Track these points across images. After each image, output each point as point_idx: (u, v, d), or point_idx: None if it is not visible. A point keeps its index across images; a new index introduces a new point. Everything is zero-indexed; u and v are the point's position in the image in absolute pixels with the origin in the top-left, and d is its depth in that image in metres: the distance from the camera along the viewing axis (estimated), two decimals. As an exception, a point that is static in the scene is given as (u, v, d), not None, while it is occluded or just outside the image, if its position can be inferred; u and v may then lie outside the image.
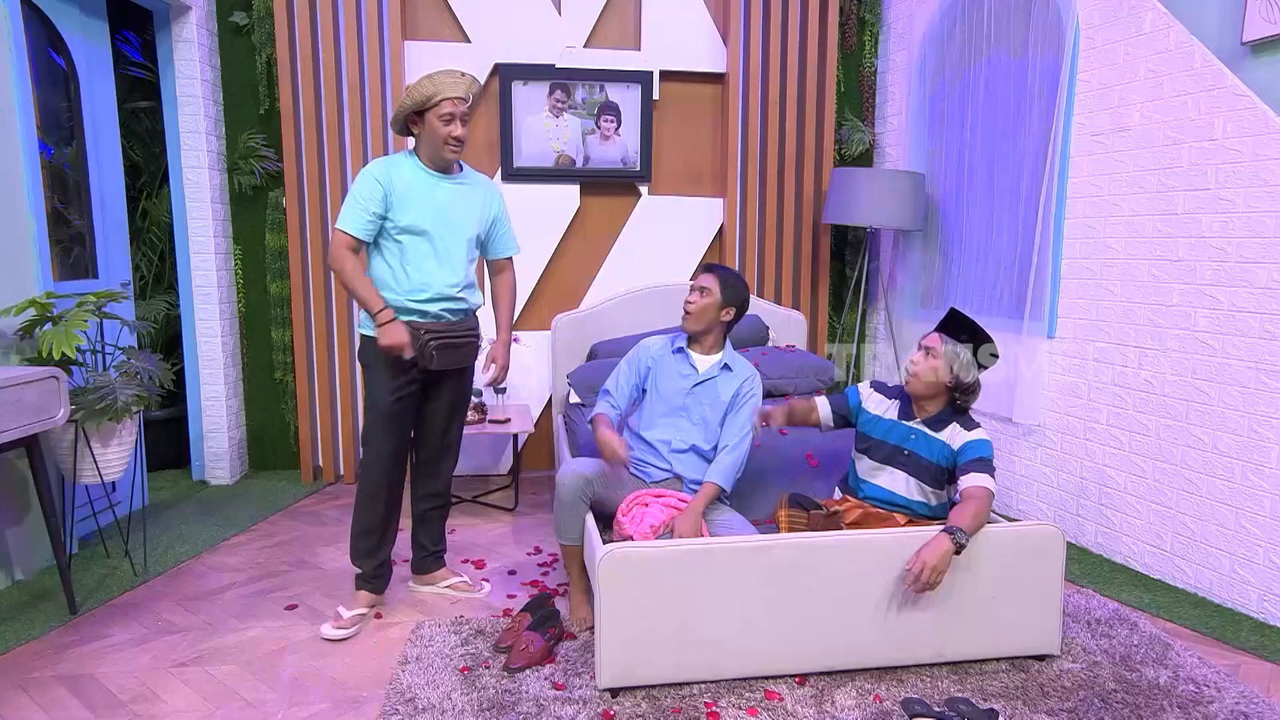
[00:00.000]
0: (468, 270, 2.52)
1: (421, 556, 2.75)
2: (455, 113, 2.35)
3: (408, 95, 2.36)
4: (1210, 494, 2.69)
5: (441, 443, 2.65)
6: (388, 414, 2.46)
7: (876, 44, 4.34)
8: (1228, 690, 2.12)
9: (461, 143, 2.41)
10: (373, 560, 2.55)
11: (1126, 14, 2.91)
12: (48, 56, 3.12)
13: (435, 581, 2.76)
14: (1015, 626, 2.23)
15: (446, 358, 2.47)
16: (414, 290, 2.41)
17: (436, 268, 2.43)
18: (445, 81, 2.34)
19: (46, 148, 3.10)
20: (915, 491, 2.39)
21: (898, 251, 4.28)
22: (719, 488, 2.40)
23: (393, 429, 2.48)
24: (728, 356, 2.56)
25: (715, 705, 2.04)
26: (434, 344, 2.43)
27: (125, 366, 2.86)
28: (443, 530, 2.78)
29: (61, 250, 3.19)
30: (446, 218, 2.44)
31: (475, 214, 2.51)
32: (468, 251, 2.50)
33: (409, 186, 2.39)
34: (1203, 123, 2.66)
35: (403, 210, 2.38)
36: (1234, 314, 2.60)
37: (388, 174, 2.38)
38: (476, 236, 2.53)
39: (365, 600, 2.56)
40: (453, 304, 2.48)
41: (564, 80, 3.93)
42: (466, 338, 2.54)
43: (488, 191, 2.57)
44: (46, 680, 2.17)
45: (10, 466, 2.71)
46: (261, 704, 2.07)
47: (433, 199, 2.42)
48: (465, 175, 2.52)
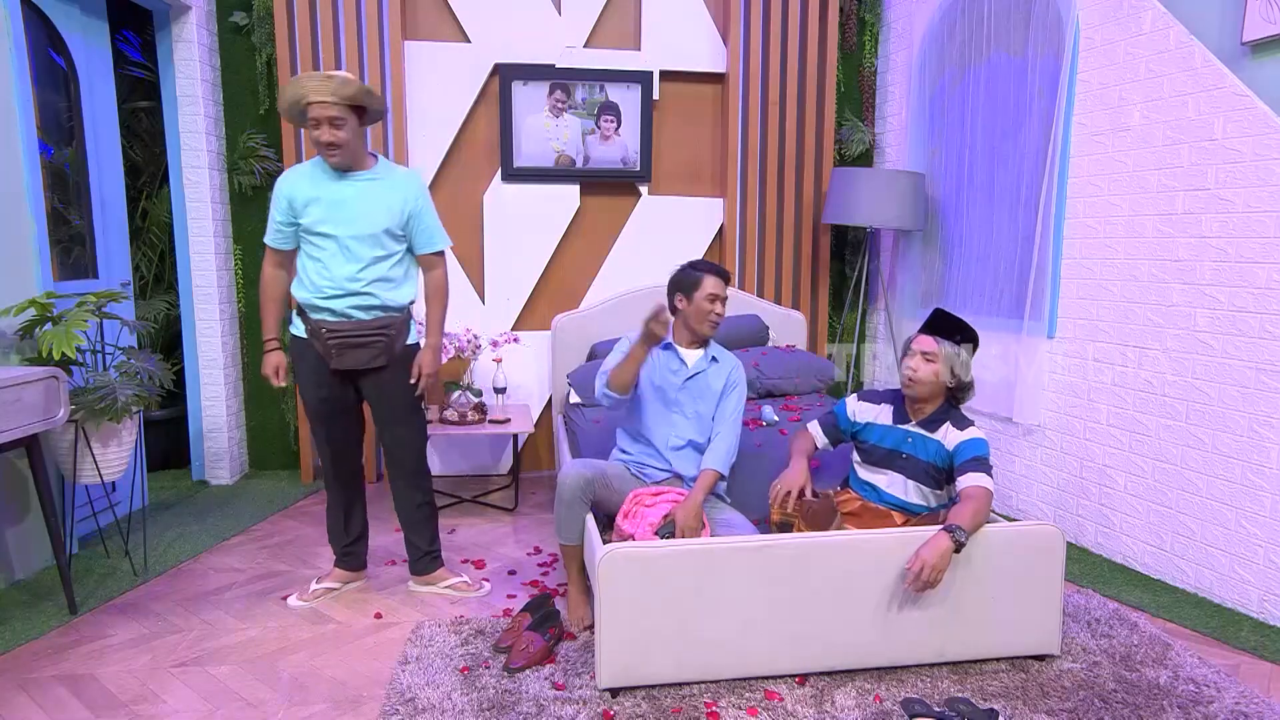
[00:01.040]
0: (376, 266, 2.43)
1: (416, 558, 2.74)
2: (321, 117, 2.27)
3: (279, 102, 2.32)
4: (1210, 494, 2.69)
5: (392, 445, 2.61)
6: (313, 414, 2.56)
7: (876, 44, 4.34)
8: (1227, 690, 2.12)
9: (337, 147, 2.32)
10: (338, 541, 2.72)
11: (1126, 13, 2.91)
12: (48, 56, 3.12)
13: (434, 582, 2.75)
14: (1015, 626, 2.23)
15: (348, 357, 2.44)
16: (320, 289, 2.41)
17: (340, 265, 2.40)
18: (307, 85, 2.25)
19: (46, 148, 3.10)
20: (914, 494, 2.39)
21: (898, 251, 4.28)
22: (717, 473, 2.41)
23: (321, 429, 2.56)
24: (713, 348, 2.59)
25: (715, 705, 2.04)
26: (333, 342, 2.42)
27: (125, 366, 2.86)
28: (434, 532, 2.75)
29: (61, 250, 3.19)
30: (350, 215, 2.39)
31: (384, 209, 2.42)
32: (375, 246, 2.42)
33: (312, 189, 2.39)
34: (1203, 123, 2.66)
35: (307, 213, 2.39)
36: (1234, 314, 2.60)
37: (290, 181, 2.42)
38: (387, 231, 2.43)
39: (337, 576, 2.72)
40: (359, 300, 2.43)
41: (564, 80, 3.93)
42: (371, 336, 2.46)
43: (404, 185, 2.47)
44: (47, 680, 2.17)
45: (10, 466, 2.71)
46: (261, 704, 2.07)
47: (335, 198, 2.39)
48: (379, 170, 2.46)
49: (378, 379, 2.53)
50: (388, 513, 3.55)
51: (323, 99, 2.25)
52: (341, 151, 2.34)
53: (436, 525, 2.76)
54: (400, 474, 2.65)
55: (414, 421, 2.62)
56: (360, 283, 2.42)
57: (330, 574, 2.74)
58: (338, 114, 2.28)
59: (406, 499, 2.69)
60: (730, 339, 3.64)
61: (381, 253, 2.44)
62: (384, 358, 2.49)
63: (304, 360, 2.50)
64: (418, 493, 2.69)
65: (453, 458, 4.13)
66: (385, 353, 2.49)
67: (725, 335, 3.62)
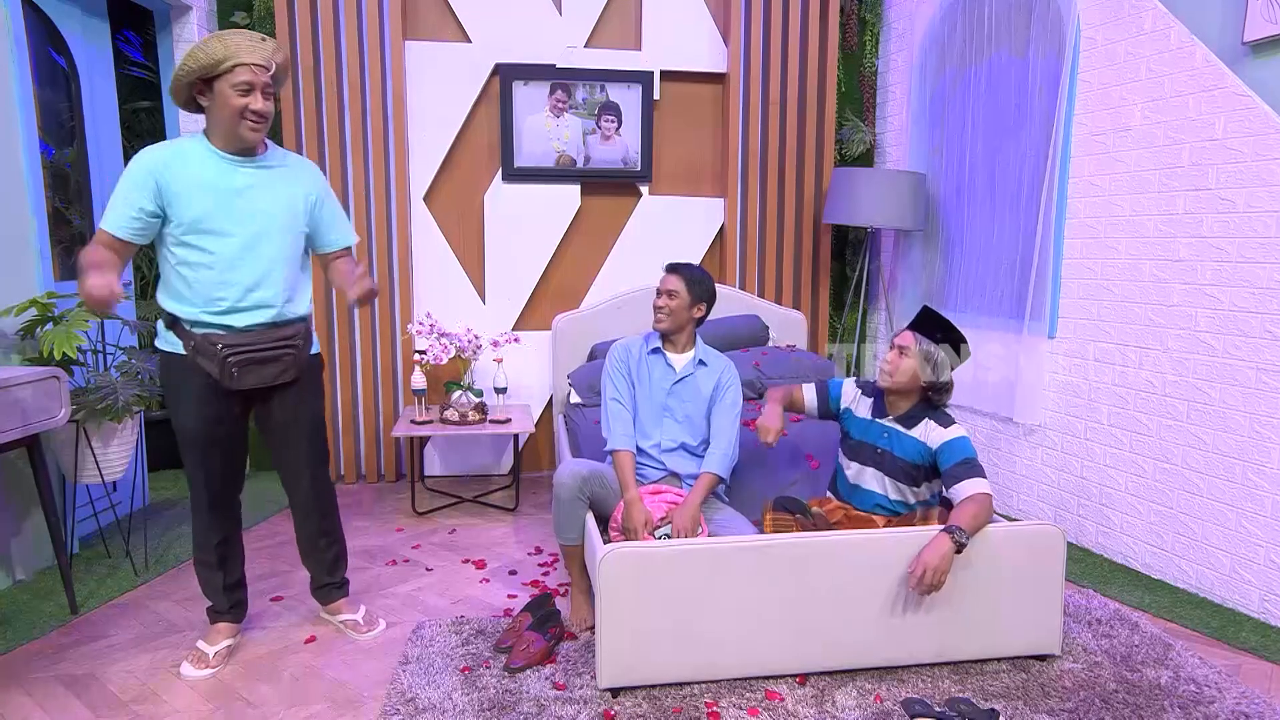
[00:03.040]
0: (285, 271, 2.11)
1: (317, 586, 2.46)
2: (255, 82, 1.93)
3: (189, 58, 1.90)
4: (1211, 494, 2.69)
5: (297, 471, 2.28)
6: (193, 442, 2.12)
7: (877, 44, 4.34)
8: (1228, 690, 2.11)
9: (264, 119, 1.98)
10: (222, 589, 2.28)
11: (1128, 14, 2.91)
12: (49, 56, 3.12)
13: (333, 613, 2.48)
14: (1016, 626, 2.23)
15: (251, 376, 2.08)
16: (212, 300, 2.03)
17: (240, 270, 2.03)
18: (241, 44, 1.92)
19: (47, 148, 3.10)
20: (893, 490, 2.38)
21: (898, 251, 4.28)
22: (716, 477, 2.41)
23: (205, 458, 2.15)
24: (700, 352, 2.57)
25: (716, 705, 2.04)
26: (233, 360, 2.05)
27: (126, 366, 2.86)
28: (334, 562, 2.44)
29: (63, 250, 3.19)
30: (251, 209, 2.04)
31: (289, 201, 2.10)
32: (283, 248, 2.10)
33: (196, 176, 1.98)
34: (1204, 122, 2.66)
35: (187, 205, 1.97)
36: (1235, 314, 2.60)
37: (163, 163, 1.96)
38: (294, 228, 2.12)
39: (229, 631, 2.31)
40: (263, 312, 2.08)
41: (565, 80, 3.93)
42: (276, 349, 2.11)
43: (306, 173, 2.17)
44: (48, 680, 2.17)
45: (11, 466, 2.71)
46: (262, 704, 2.07)
47: (229, 188, 2.01)
48: (273, 156, 2.11)
49: (281, 397, 2.20)
50: (388, 512, 3.56)
51: (258, 62, 1.93)
52: (265, 126, 2.01)
53: (340, 556, 2.46)
54: (304, 502, 2.32)
55: (320, 444, 2.31)
56: (265, 290, 2.07)
57: (218, 630, 2.29)
58: (270, 81, 1.97)
59: (307, 528, 2.37)
60: (730, 339, 3.64)
61: (288, 253, 2.11)
62: (291, 372, 2.16)
63: (183, 381, 2.08)
64: (323, 520, 2.37)
65: (453, 458, 4.13)
66: (294, 367, 2.17)
67: (725, 335, 3.63)
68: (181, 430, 2.13)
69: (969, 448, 2.26)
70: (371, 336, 3.90)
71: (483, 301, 4.06)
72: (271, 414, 2.22)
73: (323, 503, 2.37)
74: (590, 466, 2.41)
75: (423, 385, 3.60)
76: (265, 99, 1.98)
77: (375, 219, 3.81)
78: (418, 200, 3.93)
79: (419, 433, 3.45)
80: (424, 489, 3.86)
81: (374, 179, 3.79)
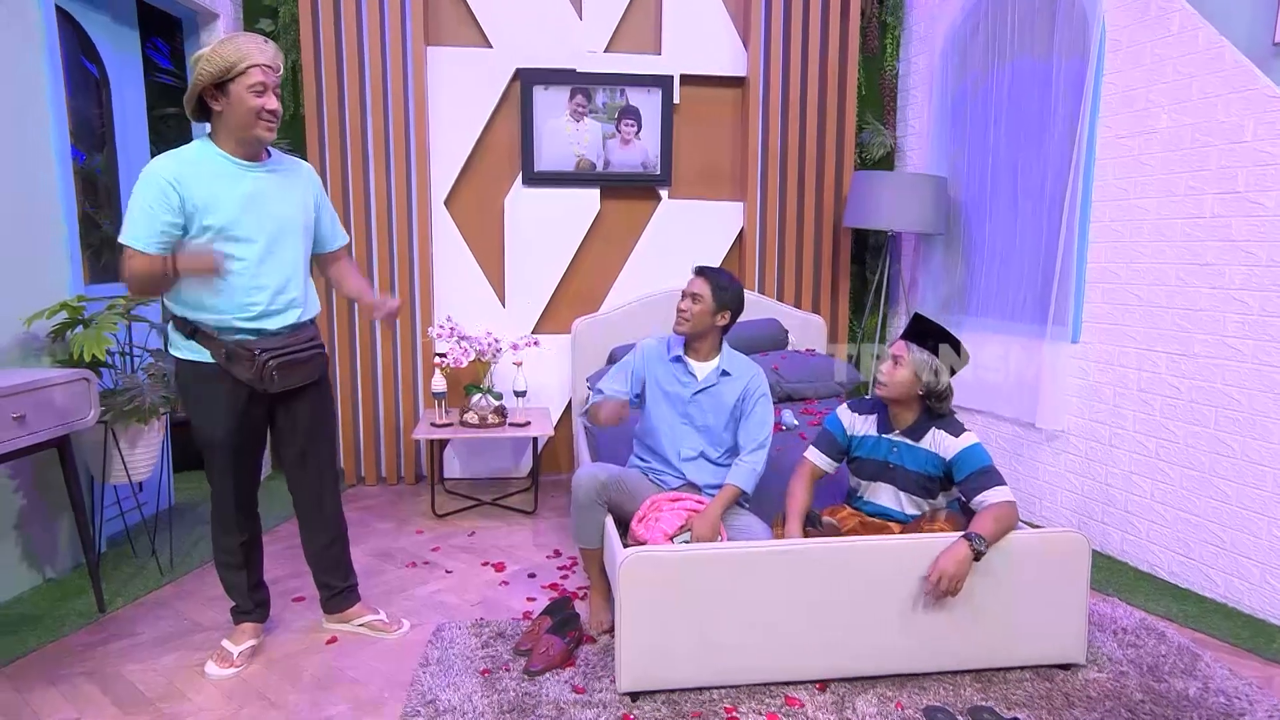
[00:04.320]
0: (304, 272, 2.19)
1: (329, 596, 2.46)
2: (267, 82, 1.98)
3: (204, 64, 1.94)
4: (1240, 502, 2.64)
5: (311, 475, 2.32)
6: (219, 448, 2.16)
7: (898, 47, 4.32)
8: (1260, 703, 2.08)
9: (277, 117, 2.04)
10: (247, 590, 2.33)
11: (1155, 15, 2.87)
12: (80, 64, 3.18)
13: (349, 619, 2.47)
14: (1040, 634, 2.20)
15: (294, 375, 2.14)
16: (244, 306, 2.06)
17: (268, 273, 2.08)
18: (250, 47, 1.97)
19: (78, 153, 3.15)
20: (907, 504, 2.35)
21: (919, 255, 4.25)
22: (740, 490, 2.39)
23: (232, 463, 2.19)
24: (725, 361, 2.51)
25: (735, 710, 2.03)
26: (273, 363, 2.08)
27: (153, 369, 2.90)
28: (349, 564, 2.48)
29: (92, 254, 3.25)
30: (268, 213, 2.08)
31: (299, 203, 2.16)
32: (300, 249, 2.16)
33: (213, 183, 2.00)
34: (1232, 124, 2.62)
35: (210, 213, 1.99)
36: (1265, 319, 2.55)
37: (179, 173, 1.97)
38: (305, 228, 2.18)
39: (253, 631, 2.34)
40: (293, 312, 2.14)
41: (585, 84, 3.95)
42: (309, 349, 2.19)
43: (307, 175, 2.23)
44: (75, 677, 2.21)
45: (42, 467, 2.76)
46: (284, 704, 2.09)
47: (244, 193, 2.04)
48: (276, 160, 2.16)
49: (303, 398, 2.23)
50: (408, 514, 3.58)
51: (268, 62, 1.98)
52: (277, 126, 2.07)
53: (350, 556, 2.49)
54: (313, 507, 2.35)
55: (334, 443, 2.37)
56: (291, 292, 2.13)
57: (243, 630, 2.33)
58: (278, 80, 2.04)
59: (317, 536, 2.39)
60: (749, 342, 3.63)
61: (303, 254, 2.19)
62: (319, 371, 2.24)
63: (208, 388, 2.10)
64: (333, 526, 2.40)
65: (473, 461, 4.15)
66: (322, 366, 2.25)
67: (744, 339, 3.62)
68: (208, 437, 2.16)
69: (984, 455, 2.24)
70: (392, 339, 3.93)
71: (503, 305, 4.08)
72: (296, 414, 2.25)
73: (336, 506, 2.42)
74: (609, 470, 2.41)
75: (443, 388, 3.63)
76: (277, 98, 2.04)
77: (397, 223, 3.85)
78: (439, 204, 3.96)
79: (439, 435, 3.48)
80: (443, 491, 3.89)
81: (395, 183, 3.82)
